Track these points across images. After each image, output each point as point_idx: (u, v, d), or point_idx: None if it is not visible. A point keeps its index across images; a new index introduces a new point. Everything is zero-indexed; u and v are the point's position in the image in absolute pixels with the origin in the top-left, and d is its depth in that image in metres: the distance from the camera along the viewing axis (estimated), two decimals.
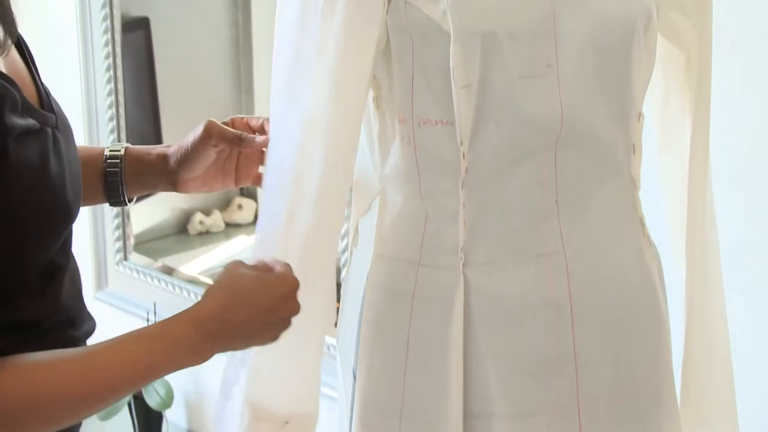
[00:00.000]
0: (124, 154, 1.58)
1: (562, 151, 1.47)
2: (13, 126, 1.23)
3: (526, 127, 1.45)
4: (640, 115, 1.52)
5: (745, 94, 2.00)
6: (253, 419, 1.52)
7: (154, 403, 2.97)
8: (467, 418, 1.51)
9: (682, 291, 1.63)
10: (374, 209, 1.57)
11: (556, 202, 1.48)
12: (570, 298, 1.49)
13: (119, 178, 1.58)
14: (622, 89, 1.48)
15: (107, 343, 1.30)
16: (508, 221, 1.48)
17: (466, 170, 1.46)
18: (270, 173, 1.50)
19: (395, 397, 1.52)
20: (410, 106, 1.47)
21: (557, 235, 1.49)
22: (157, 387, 2.98)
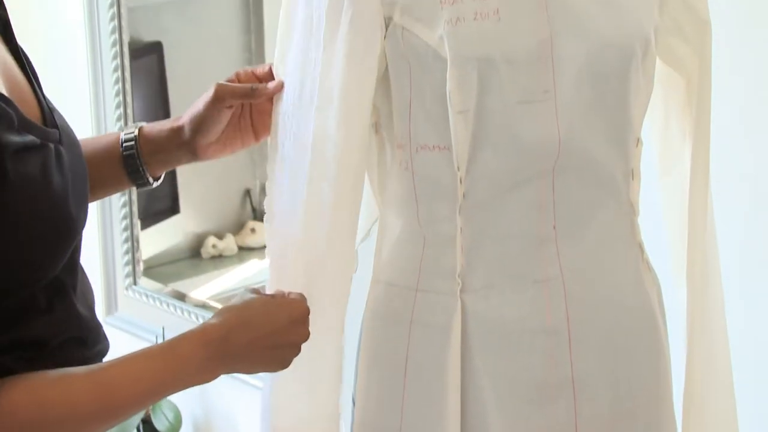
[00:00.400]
0: (138, 135, 1.58)
1: (560, 176, 1.47)
2: (9, 144, 1.24)
3: (524, 152, 1.45)
4: (639, 141, 1.52)
5: (745, 116, 1.99)
6: None
7: (163, 427, 2.97)
8: None
9: (684, 315, 1.62)
10: (373, 235, 1.57)
11: (554, 227, 1.48)
12: (568, 324, 1.49)
13: (138, 159, 1.57)
14: (620, 115, 1.48)
15: (116, 361, 1.32)
16: (506, 246, 1.48)
17: (464, 196, 1.46)
18: (278, 202, 1.51)
19: (393, 421, 1.52)
20: (408, 131, 1.47)
21: (555, 261, 1.48)
22: (166, 411, 2.97)
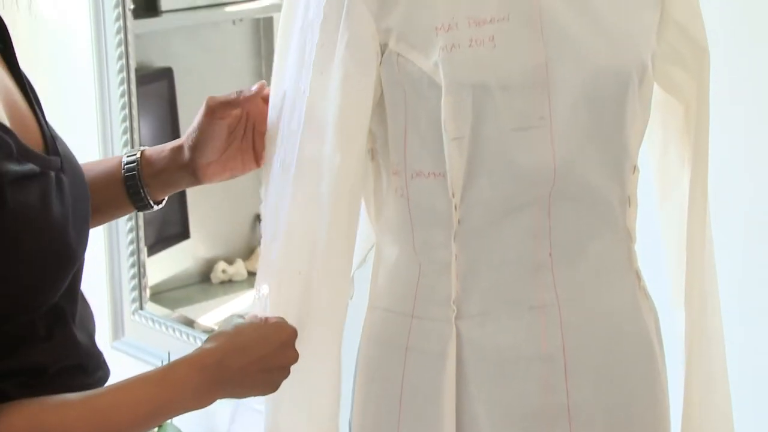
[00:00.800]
0: (140, 157, 1.57)
1: (556, 203, 1.46)
2: (8, 172, 1.24)
3: (519, 179, 1.44)
4: (635, 168, 1.52)
5: (744, 142, 1.99)
6: None
7: None
8: None
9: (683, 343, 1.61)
10: (369, 261, 1.57)
11: (550, 254, 1.48)
12: (564, 351, 1.48)
13: (138, 181, 1.57)
14: (616, 142, 1.48)
15: (112, 387, 1.33)
16: (502, 273, 1.48)
17: (459, 222, 1.46)
18: (273, 226, 1.51)
19: None
20: (403, 158, 1.47)
21: (551, 287, 1.48)
22: None
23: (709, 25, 1.56)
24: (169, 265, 3.31)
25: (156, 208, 1.61)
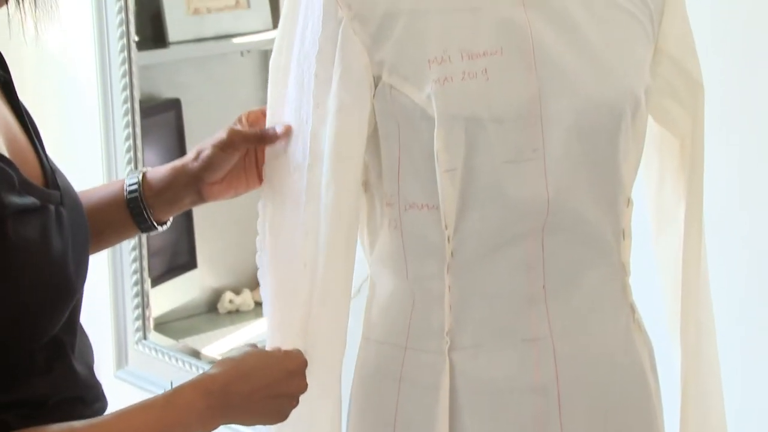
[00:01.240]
0: (143, 178, 1.58)
1: (550, 235, 1.46)
2: (9, 205, 1.25)
3: (512, 211, 1.45)
4: (629, 201, 1.52)
5: (739, 176, 1.99)
6: None
7: None
8: None
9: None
10: (363, 292, 1.58)
11: (544, 286, 1.48)
12: (557, 383, 1.48)
13: (141, 202, 1.57)
14: (610, 174, 1.48)
15: (116, 414, 1.34)
16: (495, 305, 1.48)
17: (452, 254, 1.46)
18: (271, 257, 1.52)
19: None
20: (397, 189, 1.48)
21: (544, 320, 1.48)
22: None
23: (703, 60, 1.57)
24: (177, 294, 3.32)
25: (160, 229, 1.61)
